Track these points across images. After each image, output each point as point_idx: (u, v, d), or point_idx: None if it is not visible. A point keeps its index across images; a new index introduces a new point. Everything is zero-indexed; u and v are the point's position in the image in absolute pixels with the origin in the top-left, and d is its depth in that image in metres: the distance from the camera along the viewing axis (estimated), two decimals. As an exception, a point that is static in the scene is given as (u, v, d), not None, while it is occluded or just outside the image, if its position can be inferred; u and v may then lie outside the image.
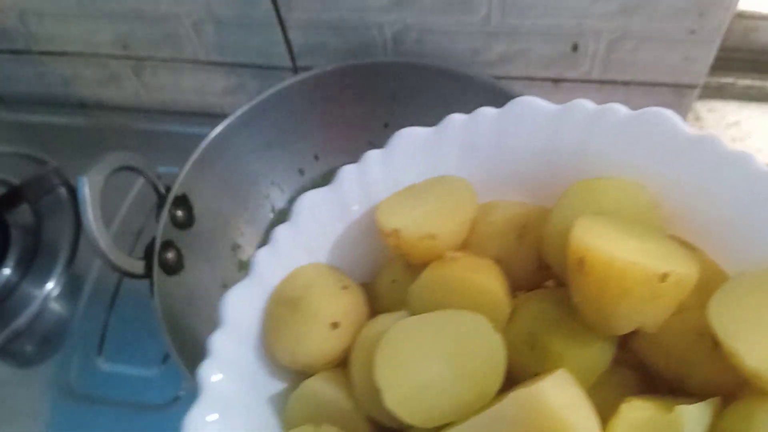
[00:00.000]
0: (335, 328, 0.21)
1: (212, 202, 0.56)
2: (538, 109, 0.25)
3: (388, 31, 0.59)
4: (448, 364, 0.20)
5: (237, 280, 0.56)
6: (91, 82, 0.74)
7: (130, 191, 0.67)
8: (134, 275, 0.47)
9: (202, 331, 0.51)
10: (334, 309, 0.22)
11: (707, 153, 0.23)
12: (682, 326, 0.21)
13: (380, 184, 0.26)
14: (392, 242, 0.23)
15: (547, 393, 0.17)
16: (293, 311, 0.22)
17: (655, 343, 0.22)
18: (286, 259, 0.25)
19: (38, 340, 0.60)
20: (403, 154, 0.26)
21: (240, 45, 0.64)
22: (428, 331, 0.21)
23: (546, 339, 0.21)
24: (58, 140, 0.74)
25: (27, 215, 0.66)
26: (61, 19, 0.66)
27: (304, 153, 0.62)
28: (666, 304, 0.20)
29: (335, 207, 0.25)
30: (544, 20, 0.54)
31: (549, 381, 0.18)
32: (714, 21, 0.51)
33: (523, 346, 0.22)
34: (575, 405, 0.18)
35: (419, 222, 0.23)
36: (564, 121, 0.25)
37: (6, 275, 0.62)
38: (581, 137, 0.24)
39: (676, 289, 0.20)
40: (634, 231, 0.21)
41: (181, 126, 0.73)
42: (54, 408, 0.56)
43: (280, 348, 0.22)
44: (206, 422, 0.21)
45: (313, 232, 0.25)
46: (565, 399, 0.18)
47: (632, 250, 0.20)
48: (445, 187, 0.24)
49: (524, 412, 0.17)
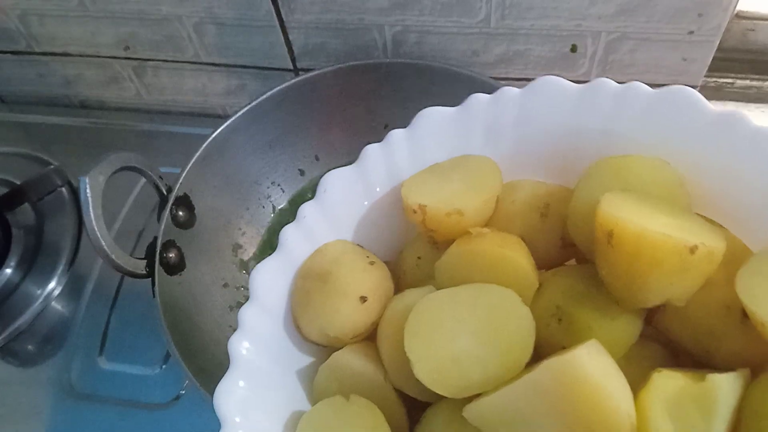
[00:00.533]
0: (363, 302, 0.22)
1: (213, 202, 0.56)
2: (561, 88, 0.25)
3: (388, 32, 0.59)
4: (478, 336, 0.20)
5: (238, 280, 0.57)
6: (92, 82, 0.74)
7: (132, 191, 0.67)
8: (136, 275, 0.47)
9: (204, 330, 0.51)
10: (362, 284, 0.22)
11: (733, 130, 0.22)
12: (709, 299, 0.21)
13: (404, 162, 0.26)
14: (418, 219, 0.23)
15: (582, 360, 0.17)
16: (322, 286, 0.22)
17: (682, 317, 0.21)
18: (312, 236, 0.25)
19: (40, 339, 0.60)
20: (426, 133, 0.26)
21: (241, 46, 0.65)
22: (457, 303, 0.21)
23: (574, 312, 0.21)
24: (59, 140, 0.74)
25: (29, 215, 0.66)
26: (62, 20, 0.66)
27: (305, 153, 0.62)
28: (695, 277, 0.20)
29: (360, 185, 0.26)
30: (543, 21, 0.55)
31: (583, 349, 0.18)
32: (713, 22, 0.51)
33: (550, 320, 0.22)
34: (609, 373, 0.18)
35: (446, 198, 0.23)
36: (587, 100, 0.24)
37: (7, 275, 0.62)
38: (605, 116, 0.24)
39: (705, 262, 0.20)
40: (660, 206, 0.21)
41: (183, 127, 0.73)
42: (55, 407, 0.56)
43: (308, 322, 0.23)
44: (237, 390, 0.22)
45: (338, 210, 0.26)
46: (599, 367, 0.18)
47: (661, 223, 0.20)
48: (471, 165, 0.24)
49: (559, 380, 0.17)
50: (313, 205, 0.25)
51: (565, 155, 0.25)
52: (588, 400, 0.17)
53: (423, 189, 0.24)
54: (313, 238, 0.25)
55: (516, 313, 0.20)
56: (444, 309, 0.20)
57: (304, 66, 0.65)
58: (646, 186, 0.22)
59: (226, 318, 0.54)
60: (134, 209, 0.66)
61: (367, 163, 0.26)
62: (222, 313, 0.54)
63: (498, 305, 0.20)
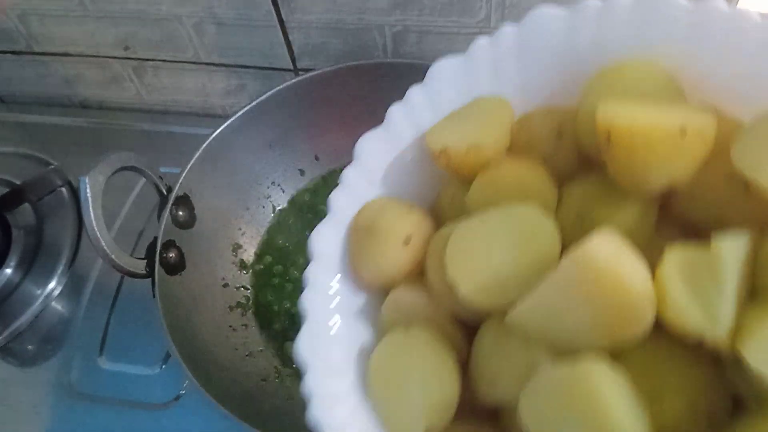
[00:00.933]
0: (408, 243, 0.24)
1: (213, 202, 0.56)
2: (552, 16, 0.26)
3: (388, 32, 0.59)
4: (510, 250, 0.22)
5: (238, 280, 0.57)
6: (92, 82, 0.74)
7: (132, 191, 0.67)
8: (136, 275, 0.47)
9: (204, 330, 0.51)
10: (404, 226, 0.25)
11: (711, 17, 0.24)
12: (711, 175, 0.22)
13: (425, 114, 0.28)
14: (443, 161, 0.26)
15: (595, 245, 0.19)
16: (370, 235, 0.25)
17: (690, 196, 0.23)
18: (356, 196, 0.27)
19: (40, 339, 0.60)
20: (440, 85, 0.28)
21: (241, 46, 0.65)
22: (488, 226, 0.23)
23: (592, 214, 0.23)
24: (59, 141, 0.74)
25: (28, 215, 0.66)
26: (62, 20, 0.66)
27: (305, 153, 0.62)
28: (691, 157, 0.22)
29: (390, 144, 0.28)
30: (544, 21, 0.55)
31: (596, 237, 0.19)
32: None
33: (572, 228, 0.24)
34: (623, 253, 0.19)
35: (464, 136, 0.25)
36: (576, 20, 0.26)
37: (7, 275, 0.62)
38: (594, 32, 0.26)
39: (698, 141, 0.21)
40: (653, 102, 0.23)
41: (183, 127, 0.73)
42: (55, 407, 0.56)
43: (363, 268, 0.25)
44: (312, 338, 0.24)
45: (375, 170, 0.28)
46: (613, 251, 0.19)
47: (651, 115, 0.22)
48: (482, 105, 0.27)
49: (578, 268, 0.19)
50: (352, 168, 0.27)
51: (567, 77, 0.27)
52: (607, 280, 0.19)
53: (443, 134, 0.26)
54: (357, 198, 0.27)
55: (541, 224, 0.22)
56: (477, 233, 0.23)
57: (304, 66, 0.65)
58: (639, 87, 0.24)
59: (226, 318, 0.54)
60: (134, 209, 0.66)
61: (393, 121, 0.28)
62: (222, 312, 0.54)
63: (524, 220, 0.23)
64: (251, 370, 0.51)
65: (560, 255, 0.22)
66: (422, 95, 0.28)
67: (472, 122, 0.26)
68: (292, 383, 0.52)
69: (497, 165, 0.25)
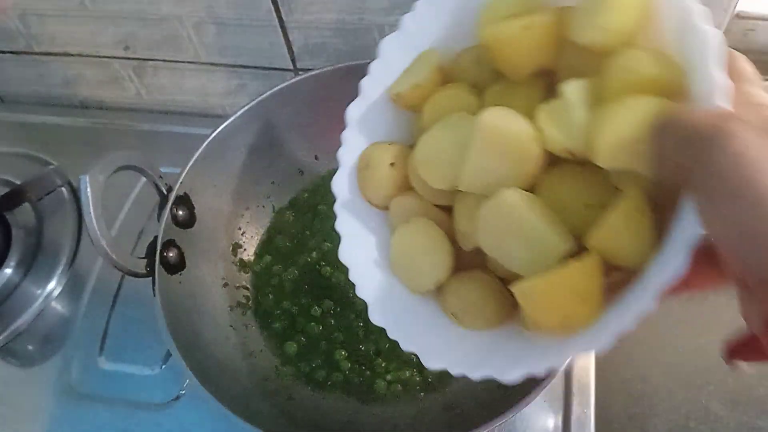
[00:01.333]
0: (393, 165, 0.33)
1: (213, 201, 0.56)
2: None
3: (388, 32, 0.59)
4: (453, 145, 0.30)
5: (238, 280, 0.57)
6: (92, 82, 0.75)
7: (132, 191, 0.67)
8: (136, 274, 0.47)
9: (204, 330, 0.51)
10: (388, 156, 0.34)
11: None
12: (565, 53, 0.30)
13: (385, 75, 0.36)
14: (401, 103, 0.35)
15: (488, 114, 0.27)
16: (366, 168, 0.34)
17: (557, 72, 0.31)
18: (370, 104, 0.37)
19: (40, 339, 0.60)
20: (390, 54, 0.36)
21: (241, 46, 0.65)
22: (436, 133, 0.32)
23: (493, 101, 0.32)
24: (59, 140, 0.74)
25: (28, 215, 0.66)
26: (62, 20, 0.66)
27: (305, 153, 0.62)
28: (540, 43, 0.30)
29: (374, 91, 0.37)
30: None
31: (488, 110, 0.28)
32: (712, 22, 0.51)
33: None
34: (510, 115, 0.27)
35: (407, 82, 0.35)
36: None
37: (7, 275, 0.62)
38: None
39: (541, 32, 0.30)
40: (516, 17, 0.30)
41: (183, 126, 0.73)
42: (55, 407, 0.56)
43: (368, 192, 0.35)
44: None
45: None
46: (502, 114, 0.28)
47: (508, 25, 0.30)
48: (420, 57, 0.35)
49: (479, 131, 0.27)
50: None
51: (472, 21, 0.33)
52: (499, 132, 0.27)
53: (395, 85, 0.35)
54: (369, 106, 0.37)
55: (468, 120, 0.30)
56: (431, 141, 0.32)
57: (304, 66, 0.65)
58: (510, 10, 0.31)
59: (226, 317, 0.54)
60: (134, 208, 0.66)
61: (370, 81, 0.37)
62: (222, 312, 0.54)
63: (458, 123, 0.31)
64: (251, 370, 0.51)
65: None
66: (378, 65, 0.36)
67: (412, 72, 0.35)
68: (293, 383, 0.52)
69: (435, 94, 0.34)
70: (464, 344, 0.32)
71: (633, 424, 0.63)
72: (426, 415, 0.50)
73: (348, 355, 0.53)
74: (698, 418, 0.62)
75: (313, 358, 0.53)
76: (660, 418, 0.63)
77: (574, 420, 0.51)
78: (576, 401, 0.52)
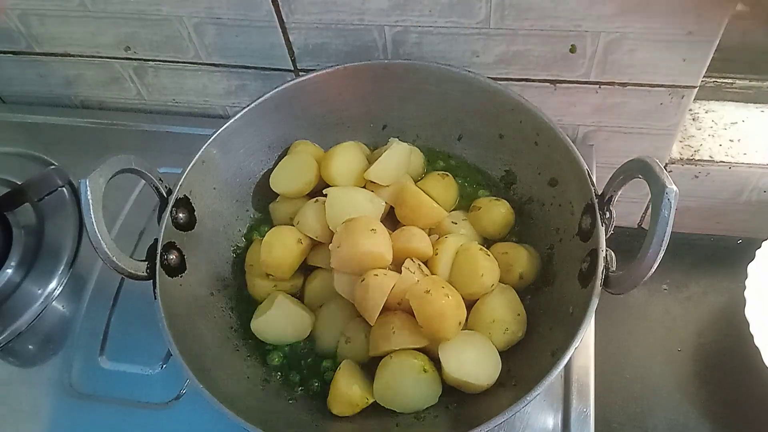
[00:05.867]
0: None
1: (213, 203, 0.56)
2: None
3: (388, 33, 0.59)
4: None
5: (238, 281, 0.57)
6: (93, 83, 0.75)
7: (132, 193, 0.67)
8: (137, 277, 0.47)
9: (204, 331, 0.51)
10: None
11: None
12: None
13: None
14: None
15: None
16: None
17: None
18: None
19: (40, 339, 0.60)
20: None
21: (241, 47, 0.65)
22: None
23: None
24: (60, 141, 0.74)
25: (29, 215, 0.67)
26: (62, 21, 0.66)
27: (305, 154, 0.62)
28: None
29: None
30: (543, 22, 0.55)
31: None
32: (712, 22, 0.51)
33: None
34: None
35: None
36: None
37: (8, 275, 0.62)
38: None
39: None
40: None
41: (183, 127, 0.73)
42: (56, 406, 0.56)
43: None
44: None
45: None
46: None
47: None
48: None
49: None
50: None
51: None
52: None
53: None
54: None
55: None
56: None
57: (304, 66, 0.65)
58: None
59: (226, 318, 0.54)
60: (134, 210, 0.66)
61: None
62: (222, 314, 0.54)
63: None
64: (251, 371, 0.51)
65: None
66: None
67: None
68: (293, 383, 0.52)
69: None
70: None
71: (632, 424, 0.63)
72: (427, 414, 0.50)
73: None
74: (698, 418, 0.63)
75: (312, 359, 0.53)
76: (659, 418, 0.63)
77: (573, 419, 0.51)
78: (575, 400, 0.52)
